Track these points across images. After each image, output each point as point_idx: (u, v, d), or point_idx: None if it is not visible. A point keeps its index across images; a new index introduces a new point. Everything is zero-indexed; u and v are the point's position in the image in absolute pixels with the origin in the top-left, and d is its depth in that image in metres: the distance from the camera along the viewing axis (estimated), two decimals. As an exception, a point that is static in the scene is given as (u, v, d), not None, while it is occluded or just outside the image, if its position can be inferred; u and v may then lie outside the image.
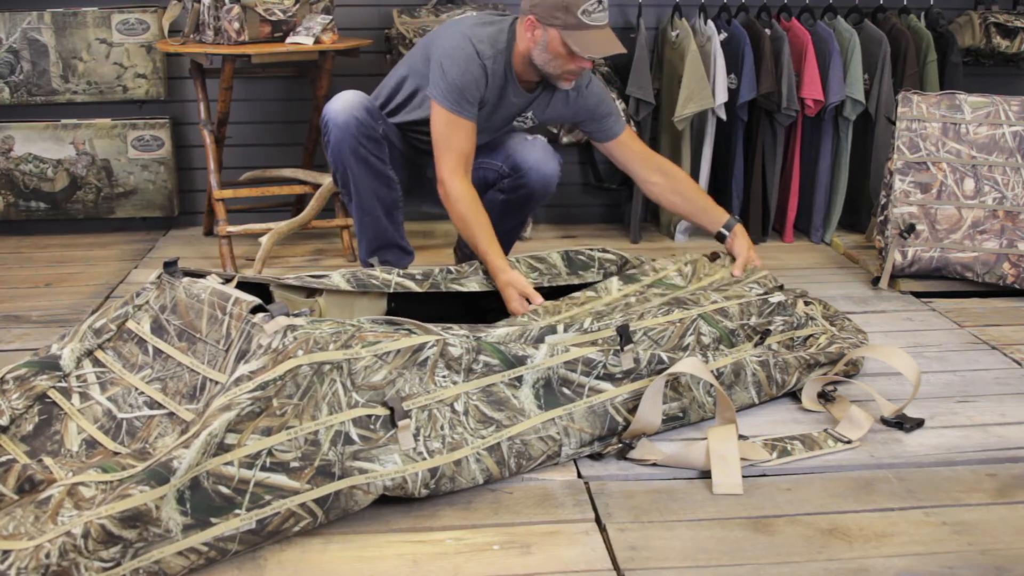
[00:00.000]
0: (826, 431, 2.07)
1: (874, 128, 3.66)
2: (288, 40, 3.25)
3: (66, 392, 1.88)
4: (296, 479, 1.63)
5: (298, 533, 1.65)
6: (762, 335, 2.31)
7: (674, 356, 2.07)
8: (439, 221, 3.79)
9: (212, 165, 3.38)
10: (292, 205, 3.78)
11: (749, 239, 2.67)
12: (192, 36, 3.36)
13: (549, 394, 1.93)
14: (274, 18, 3.25)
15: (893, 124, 3.15)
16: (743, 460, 1.91)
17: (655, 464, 1.94)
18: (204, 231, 3.80)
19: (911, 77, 3.60)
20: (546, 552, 1.65)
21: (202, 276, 2.00)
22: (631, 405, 1.99)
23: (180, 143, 3.85)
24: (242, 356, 1.72)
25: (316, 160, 3.70)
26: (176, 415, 1.77)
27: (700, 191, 2.85)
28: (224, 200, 3.36)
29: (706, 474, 1.89)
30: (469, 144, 2.55)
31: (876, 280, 3.16)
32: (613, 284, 2.43)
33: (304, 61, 3.43)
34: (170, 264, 2.00)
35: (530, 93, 2.65)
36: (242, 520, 1.57)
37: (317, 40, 3.24)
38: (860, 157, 3.74)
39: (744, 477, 1.87)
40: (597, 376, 1.98)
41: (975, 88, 3.27)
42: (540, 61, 2.50)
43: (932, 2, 3.84)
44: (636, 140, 2.84)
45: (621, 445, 1.97)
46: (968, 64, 3.90)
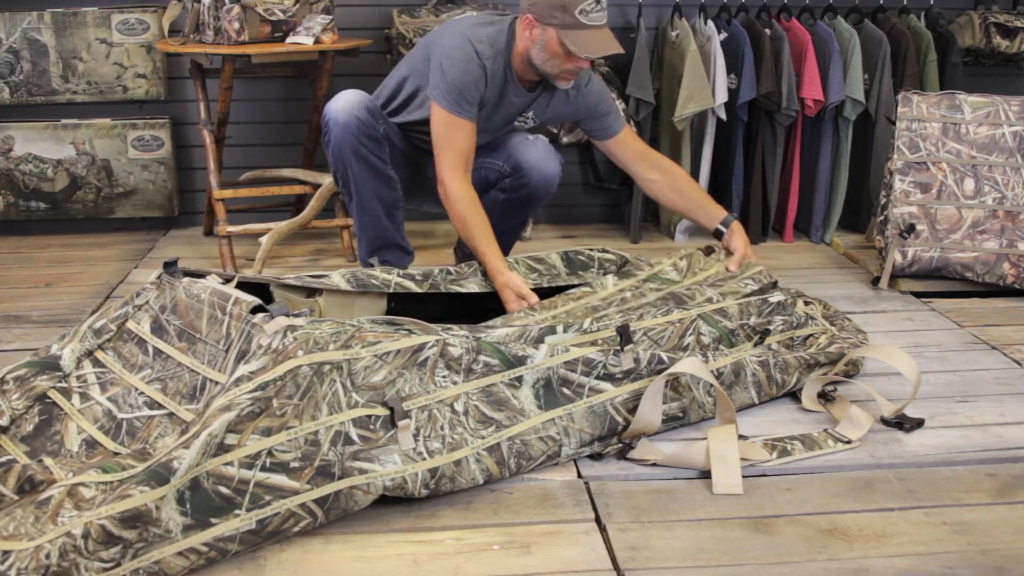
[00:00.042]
0: (826, 431, 2.07)
1: (874, 128, 3.66)
2: (288, 40, 3.25)
3: (66, 392, 1.88)
4: (296, 479, 1.63)
5: (298, 533, 1.65)
6: (762, 335, 2.31)
7: (674, 356, 2.07)
8: (439, 221, 3.79)
9: (212, 165, 3.38)
10: (292, 205, 3.78)
11: (746, 236, 2.68)
12: (192, 36, 3.36)
13: (549, 394, 1.93)
14: (274, 18, 3.25)
15: (893, 124, 3.15)
16: (743, 460, 1.91)
17: (655, 464, 1.94)
18: (204, 231, 3.80)
19: (911, 77, 3.60)
20: (546, 552, 1.65)
21: (202, 276, 2.00)
22: (631, 405, 1.99)
23: (180, 143, 3.85)
24: (242, 356, 1.72)
25: (316, 160, 3.70)
26: (176, 415, 1.77)
27: (698, 188, 2.86)
28: (224, 200, 3.36)
29: (706, 474, 1.89)
30: (469, 144, 2.54)
31: (876, 280, 3.16)
32: (609, 279, 2.45)
33: (304, 61, 3.43)
34: (170, 264, 2.00)
35: (530, 93, 2.65)
36: (242, 520, 1.57)
37: (317, 40, 3.24)
38: (860, 157, 3.74)
39: (744, 477, 1.87)
40: (597, 376, 1.98)
41: (975, 88, 3.27)
42: (538, 60, 2.51)
43: (932, 2, 3.84)
44: (635, 138, 2.85)
45: (621, 445, 1.97)
46: (968, 64, 3.90)
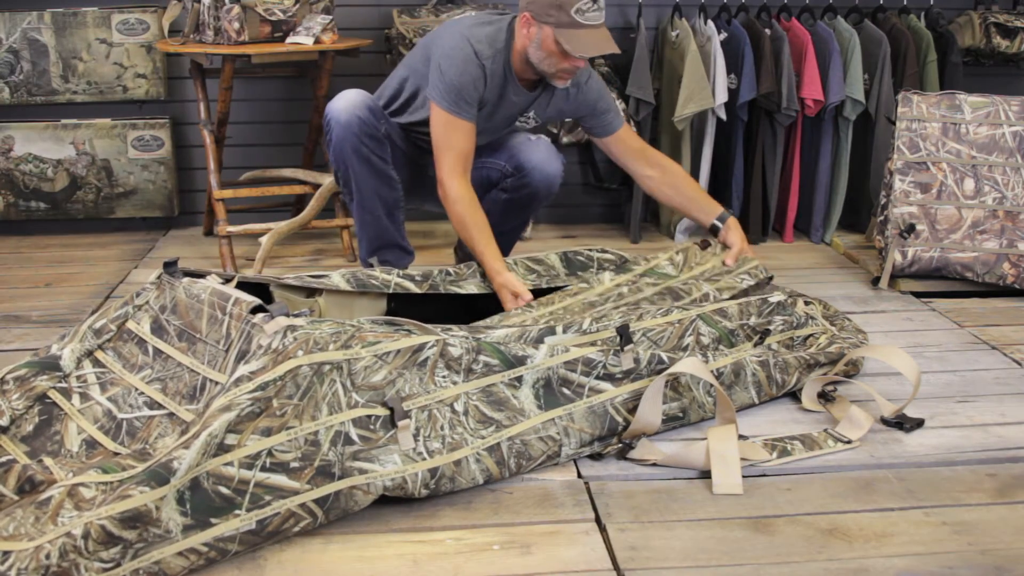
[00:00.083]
0: (826, 431, 2.07)
1: (874, 128, 3.66)
2: (288, 40, 3.25)
3: (66, 392, 1.88)
4: (296, 479, 1.63)
5: (298, 533, 1.65)
6: (762, 335, 2.31)
7: (674, 356, 2.07)
8: (439, 221, 3.79)
9: (212, 165, 3.38)
10: (292, 205, 3.78)
11: (742, 231, 2.69)
12: (192, 36, 3.36)
13: (549, 394, 1.93)
14: (274, 18, 3.25)
15: (893, 124, 3.15)
16: (743, 460, 1.91)
17: (655, 464, 1.94)
18: (204, 231, 3.80)
19: (911, 77, 3.60)
20: (546, 552, 1.65)
21: (202, 276, 2.00)
22: (631, 405, 1.99)
23: (180, 143, 3.85)
24: (242, 356, 1.72)
25: (316, 160, 3.70)
26: (176, 415, 1.77)
27: (695, 185, 2.87)
28: (224, 200, 3.36)
29: (706, 474, 1.89)
30: (468, 144, 2.55)
31: (876, 280, 3.16)
32: (605, 275, 2.47)
33: (304, 61, 3.43)
34: (170, 264, 2.00)
35: (530, 92, 2.65)
36: (242, 520, 1.57)
37: (317, 40, 3.24)
38: (860, 157, 3.74)
39: (744, 477, 1.87)
40: (597, 376, 1.98)
41: (975, 88, 3.27)
42: (535, 59, 2.51)
43: (932, 2, 3.84)
44: (633, 136, 2.86)
45: (621, 445, 1.97)
46: (968, 64, 3.90)
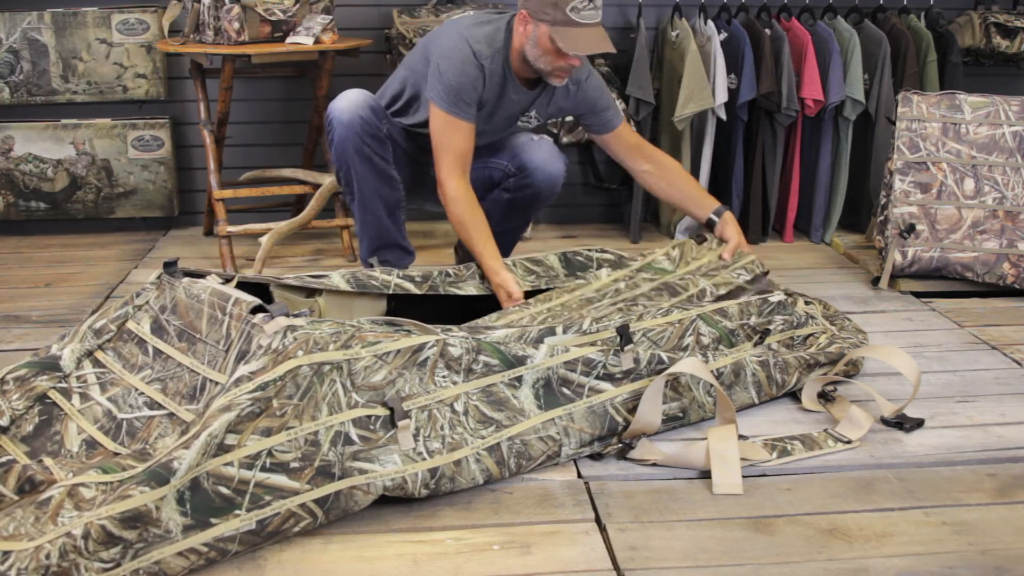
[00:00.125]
0: (826, 431, 2.07)
1: (874, 128, 3.66)
2: (288, 40, 3.25)
3: (66, 392, 1.88)
4: (296, 479, 1.63)
5: (298, 533, 1.65)
6: (762, 335, 2.31)
7: (674, 356, 2.07)
8: (439, 221, 3.78)
9: (212, 165, 3.38)
10: (292, 205, 3.78)
11: (738, 225, 2.70)
12: (192, 36, 3.36)
13: (549, 394, 1.93)
14: (274, 18, 3.25)
15: (893, 124, 3.15)
16: (743, 460, 1.91)
17: (655, 464, 1.94)
18: (204, 231, 3.80)
19: (911, 77, 3.60)
20: (546, 552, 1.65)
21: (202, 276, 2.00)
22: (631, 405, 1.99)
23: (180, 143, 3.85)
24: (242, 356, 1.72)
25: (316, 160, 3.70)
26: (176, 416, 1.77)
27: (691, 180, 2.87)
28: (224, 200, 3.36)
29: (706, 474, 1.89)
30: (467, 145, 2.55)
31: (876, 280, 3.16)
32: (603, 271, 2.49)
33: (304, 61, 3.43)
34: (170, 264, 2.00)
35: (530, 91, 2.65)
36: (242, 520, 1.57)
37: (317, 40, 3.24)
38: (860, 157, 3.74)
39: (744, 477, 1.87)
40: (597, 376, 1.98)
41: (975, 88, 3.27)
42: (531, 56, 2.51)
43: (932, 2, 3.84)
44: (632, 132, 2.87)
45: (621, 445, 1.97)
46: (968, 64, 3.90)
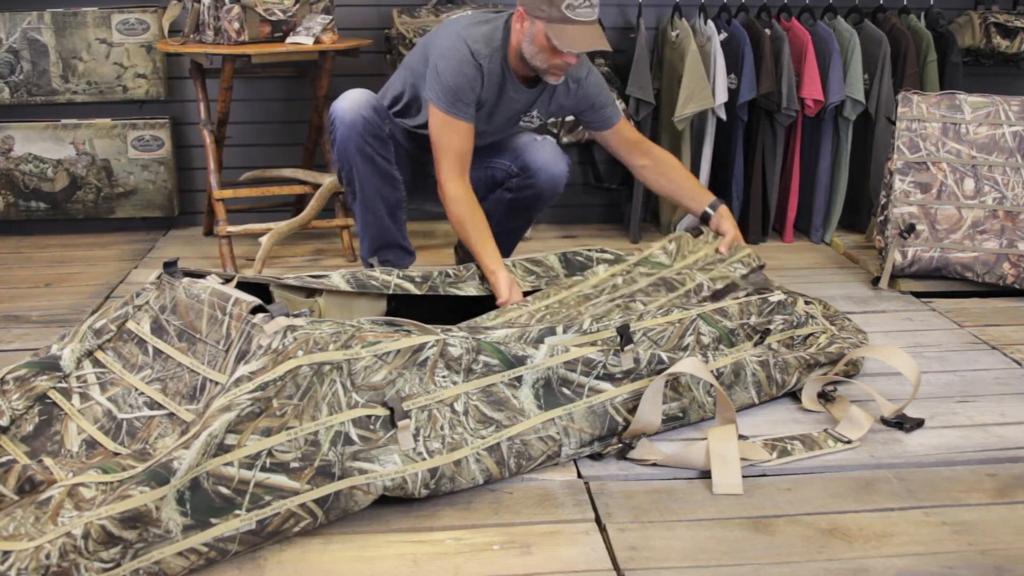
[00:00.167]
0: (826, 431, 2.07)
1: (874, 128, 3.66)
2: (288, 40, 3.25)
3: (66, 392, 1.88)
4: (296, 479, 1.63)
5: (298, 533, 1.65)
6: (762, 334, 2.31)
7: (674, 356, 2.07)
8: (440, 221, 3.79)
9: (212, 165, 3.38)
10: (292, 205, 3.78)
11: (734, 219, 2.71)
12: (192, 36, 3.36)
13: (549, 394, 1.93)
14: (274, 18, 3.25)
15: (893, 124, 3.15)
16: (743, 460, 1.91)
17: (655, 464, 1.94)
18: (204, 231, 3.80)
19: (911, 77, 3.60)
20: (546, 552, 1.65)
21: (202, 276, 2.00)
22: (631, 405, 1.99)
23: (180, 143, 3.85)
24: (242, 356, 1.72)
25: (316, 160, 3.70)
26: (176, 415, 1.77)
27: (687, 174, 2.87)
28: (224, 200, 3.36)
29: (706, 474, 1.89)
30: (466, 145, 2.55)
31: (876, 280, 3.16)
32: (600, 267, 2.51)
33: (304, 61, 3.43)
34: (170, 264, 2.00)
35: (529, 89, 2.65)
36: (242, 520, 1.57)
37: (317, 40, 3.24)
38: (860, 157, 3.74)
39: (744, 477, 1.87)
40: (597, 376, 1.98)
41: (975, 88, 3.27)
42: (528, 54, 2.51)
43: (932, 2, 3.84)
44: (631, 129, 2.88)
45: (621, 445, 1.97)
46: (968, 64, 3.89)
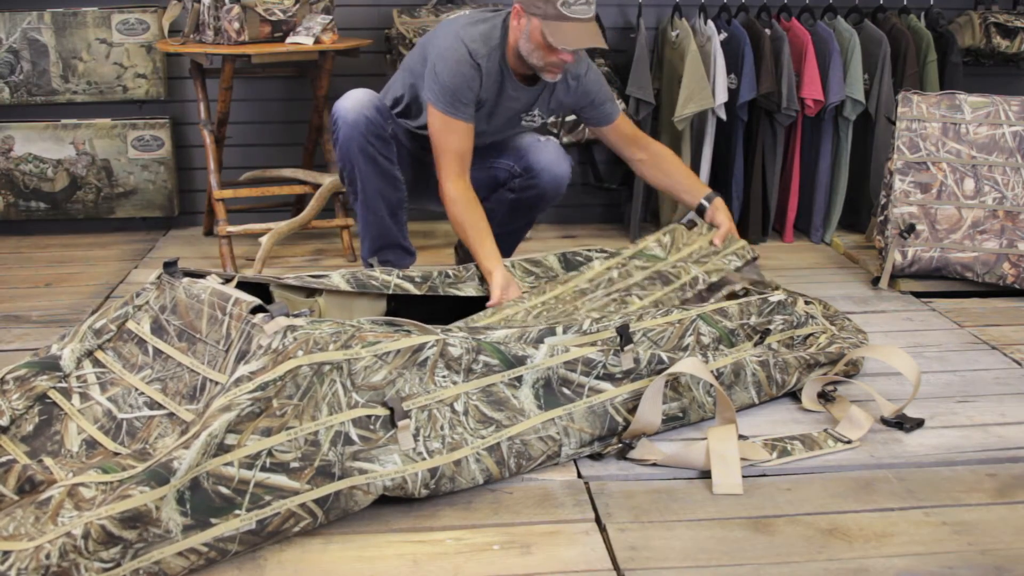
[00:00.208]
0: (826, 431, 2.07)
1: (874, 128, 3.66)
2: (288, 40, 3.25)
3: (66, 392, 1.88)
4: (296, 479, 1.63)
5: (298, 533, 1.65)
6: (762, 334, 2.31)
7: (674, 356, 2.07)
8: (440, 221, 3.79)
9: (212, 165, 3.38)
10: (292, 205, 3.78)
11: (729, 211, 2.72)
12: (192, 36, 3.36)
13: (549, 394, 1.93)
14: (274, 18, 3.25)
15: (893, 124, 3.15)
16: (743, 460, 1.91)
17: (655, 464, 1.94)
18: (204, 231, 3.80)
19: (911, 77, 3.60)
20: (546, 552, 1.65)
21: (202, 276, 2.00)
22: (631, 405, 1.99)
23: (180, 143, 3.85)
24: (242, 356, 1.72)
25: (316, 160, 3.70)
26: (176, 415, 1.77)
27: (684, 167, 2.89)
28: (224, 200, 3.36)
29: (706, 474, 1.89)
30: (466, 145, 2.55)
31: (876, 280, 3.16)
32: (595, 261, 2.53)
33: (304, 61, 3.43)
34: (170, 264, 2.00)
35: (529, 87, 2.65)
36: (242, 520, 1.57)
37: (317, 40, 3.24)
38: (860, 157, 3.74)
39: (744, 477, 1.87)
40: (597, 376, 1.98)
41: (975, 88, 3.27)
42: (524, 51, 2.51)
43: (932, 2, 3.84)
44: (629, 124, 2.89)
45: (621, 445, 1.97)
46: (968, 64, 3.89)
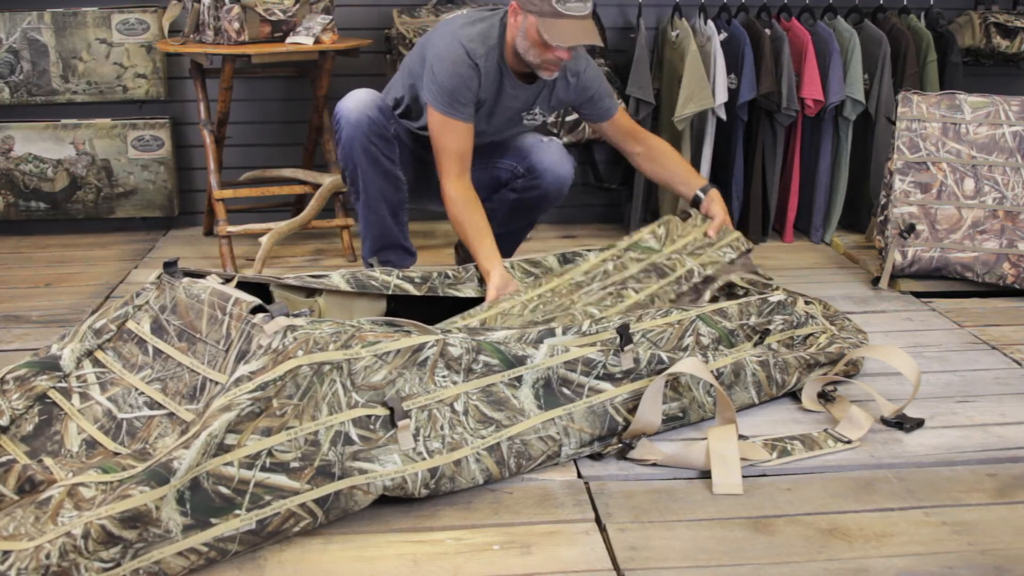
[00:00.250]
0: (826, 431, 2.07)
1: (874, 128, 3.66)
2: (288, 40, 3.25)
3: (66, 392, 1.88)
4: (296, 479, 1.63)
5: (298, 533, 1.65)
6: (762, 335, 2.31)
7: (674, 356, 2.07)
8: (440, 221, 3.78)
9: (212, 165, 3.38)
10: (292, 205, 3.78)
11: (724, 204, 2.72)
12: (192, 36, 3.36)
13: (549, 394, 1.93)
14: (274, 18, 3.25)
15: (893, 124, 3.15)
16: (743, 460, 1.91)
17: (655, 464, 1.94)
18: (204, 231, 3.80)
19: (911, 77, 3.60)
20: (546, 552, 1.65)
21: (202, 276, 2.00)
22: (631, 405, 1.99)
23: (180, 143, 3.85)
24: (242, 356, 1.72)
25: (316, 160, 3.70)
26: (176, 415, 1.77)
27: (680, 160, 2.89)
28: (224, 200, 3.36)
29: (706, 474, 1.89)
30: (465, 145, 2.56)
31: (876, 280, 3.16)
32: (591, 254, 2.54)
33: (304, 61, 3.43)
34: (170, 264, 2.00)
35: (529, 86, 2.65)
36: (242, 520, 1.57)
37: (317, 40, 3.24)
38: (860, 157, 3.74)
39: (744, 477, 1.87)
40: (597, 376, 1.98)
41: (975, 88, 3.27)
42: (521, 49, 2.51)
43: (932, 2, 3.84)
44: (627, 119, 2.90)
45: (621, 445, 1.97)
46: (968, 64, 3.89)
